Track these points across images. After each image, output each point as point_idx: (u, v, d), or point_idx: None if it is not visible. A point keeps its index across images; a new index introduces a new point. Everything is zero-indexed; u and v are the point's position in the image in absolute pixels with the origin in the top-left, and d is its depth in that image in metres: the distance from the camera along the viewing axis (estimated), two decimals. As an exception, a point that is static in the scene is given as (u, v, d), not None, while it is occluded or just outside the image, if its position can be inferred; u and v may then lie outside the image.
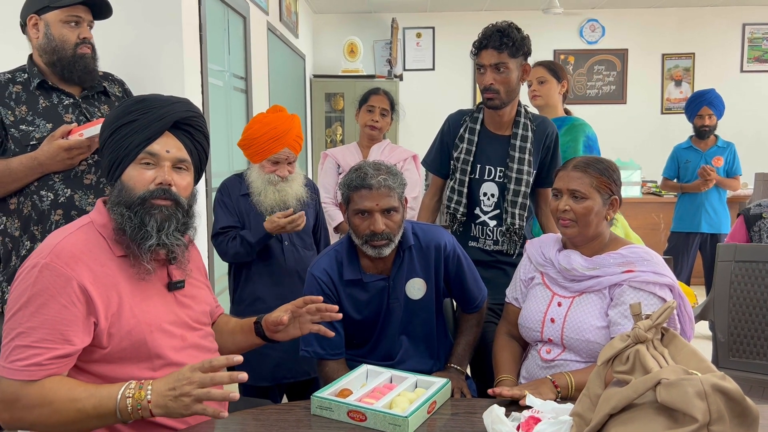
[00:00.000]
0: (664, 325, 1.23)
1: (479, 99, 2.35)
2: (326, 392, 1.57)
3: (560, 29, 6.80)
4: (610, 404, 1.14)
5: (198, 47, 3.04)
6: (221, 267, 3.64)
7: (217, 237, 2.41)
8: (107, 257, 1.39)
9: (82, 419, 1.28)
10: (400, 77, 6.66)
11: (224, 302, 3.64)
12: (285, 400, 2.59)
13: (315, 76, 6.50)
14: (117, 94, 2.20)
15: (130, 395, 1.27)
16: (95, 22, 2.12)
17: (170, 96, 1.51)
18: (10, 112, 1.95)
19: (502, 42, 2.18)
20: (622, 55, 6.81)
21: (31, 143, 1.94)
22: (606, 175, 1.76)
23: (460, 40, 6.77)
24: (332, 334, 1.68)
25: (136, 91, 2.33)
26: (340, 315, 1.63)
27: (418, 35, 6.90)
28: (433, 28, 6.88)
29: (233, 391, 1.29)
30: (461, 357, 2.02)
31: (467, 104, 6.63)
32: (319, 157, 3.35)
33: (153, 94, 1.51)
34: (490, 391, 1.58)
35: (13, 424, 1.30)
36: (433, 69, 6.91)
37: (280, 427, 1.46)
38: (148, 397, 1.27)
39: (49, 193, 1.95)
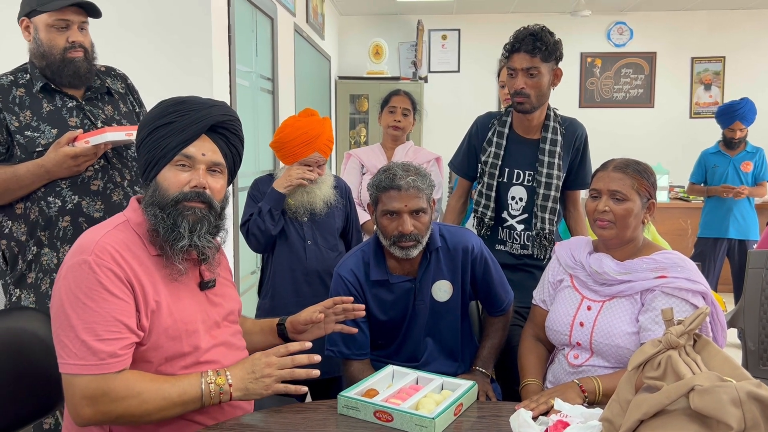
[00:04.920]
0: (696, 331, 1.21)
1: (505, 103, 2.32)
2: (352, 392, 1.57)
3: (588, 32, 6.74)
4: (641, 410, 1.12)
5: (227, 48, 3.07)
6: (246, 266, 3.68)
7: (243, 225, 2.44)
8: (144, 255, 1.41)
9: (167, 407, 1.34)
10: (425, 79, 6.66)
11: (250, 300, 3.68)
12: (309, 399, 2.60)
13: (340, 77, 6.53)
14: (120, 90, 2.15)
15: (212, 381, 1.38)
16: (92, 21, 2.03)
17: (208, 99, 1.52)
18: (14, 118, 1.93)
19: (535, 46, 2.16)
20: (651, 58, 6.72)
21: (37, 150, 1.91)
22: (645, 177, 1.74)
23: (485, 42, 6.75)
24: (355, 330, 1.78)
25: (165, 91, 2.34)
26: (363, 312, 1.73)
27: (444, 37, 6.89)
28: (459, 30, 6.86)
29: (314, 369, 1.41)
30: (486, 360, 2.01)
31: (492, 107, 6.60)
32: (343, 158, 3.38)
33: (191, 96, 1.51)
34: (517, 406, 1.54)
35: (95, 418, 1.30)
36: (458, 71, 6.89)
37: (307, 426, 1.47)
38: (229, 381, 1.39)
39: (56, 200, 1.94)
